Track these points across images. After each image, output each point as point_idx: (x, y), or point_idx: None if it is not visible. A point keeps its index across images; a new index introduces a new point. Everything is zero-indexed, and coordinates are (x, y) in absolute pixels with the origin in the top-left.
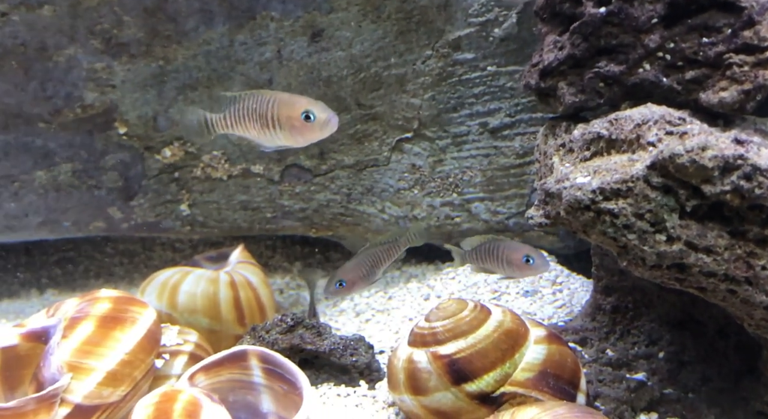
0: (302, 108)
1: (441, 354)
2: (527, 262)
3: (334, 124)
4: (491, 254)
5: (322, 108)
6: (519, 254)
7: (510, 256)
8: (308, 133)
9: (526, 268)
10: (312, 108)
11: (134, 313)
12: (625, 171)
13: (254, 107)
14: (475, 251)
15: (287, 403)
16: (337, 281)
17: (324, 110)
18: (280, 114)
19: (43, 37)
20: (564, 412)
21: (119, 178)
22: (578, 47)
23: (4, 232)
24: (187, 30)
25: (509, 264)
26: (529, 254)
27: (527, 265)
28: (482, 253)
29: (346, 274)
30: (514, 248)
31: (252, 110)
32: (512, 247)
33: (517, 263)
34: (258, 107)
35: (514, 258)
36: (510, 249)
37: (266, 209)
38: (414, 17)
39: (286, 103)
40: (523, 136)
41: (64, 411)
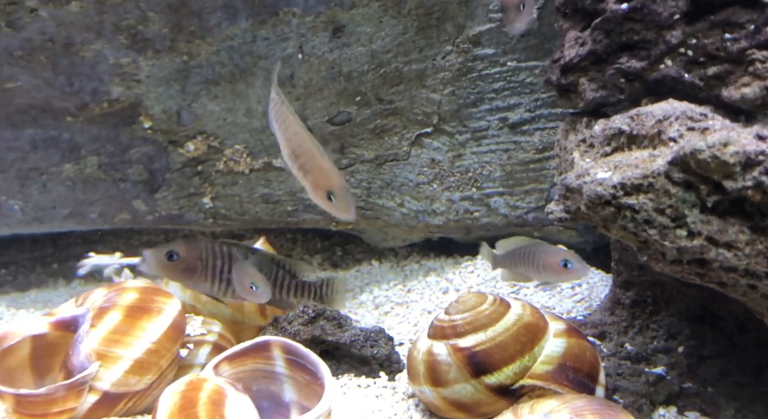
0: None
1: (461, 346)
2: (565, 266)
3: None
4: (526, 259)
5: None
6: (556, 258)
7: (546, 260)
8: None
9: (564, 272)
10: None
11: (160, 303)
12: (646, 167)
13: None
14: (510, 255)
15: (309, 393)
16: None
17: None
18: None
19: (71, 32)
20: (583, 405)
21: (144, 171)
22: (600, 43)
23: (32, 223)
24: (210, 26)
25: (546, 269)
26: (567, 258)
27: (565, 269)
28: (517, 258)
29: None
30: (550, 252)
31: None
32: (549, 251)
33: (554, 268)
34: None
35: (551, 263)
36: (546, 253)
37: (287, 203)
38: (434, 13)
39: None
40: (543, 131)
41: (92, 398)
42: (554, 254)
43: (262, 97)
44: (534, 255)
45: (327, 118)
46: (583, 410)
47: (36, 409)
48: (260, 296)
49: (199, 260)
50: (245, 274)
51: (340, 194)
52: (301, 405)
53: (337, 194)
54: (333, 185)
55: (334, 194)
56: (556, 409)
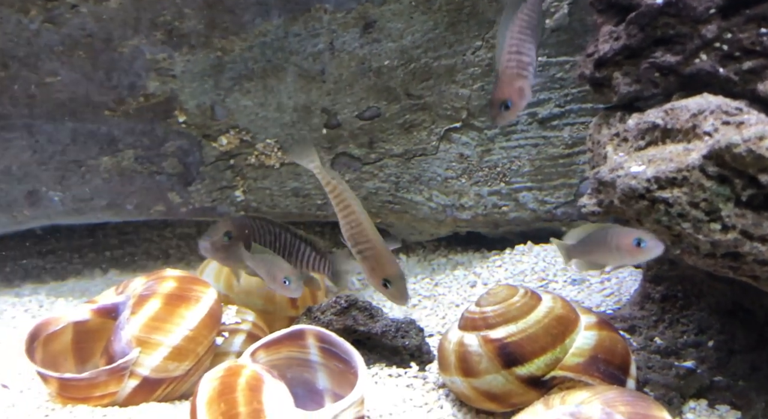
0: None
1: (492, 337)
2: (638, 245)
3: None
4: (599, 244)
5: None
6: (629, 238)
7: (620, 242)
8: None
9: (638, 252)
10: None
11: (198, 292)
12: (680, 160)
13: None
14: (582, 244)
15: (342, 381)
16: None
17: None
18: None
19: (109, 28)
20: (615, 396)
21: (178, 164)
22: (634, 38)
23: (71, 214)
24: (244, 22)
25: (619, 250)
26: (640, 236)
27: (639, 249)
28: (589, 245)
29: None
30: (622, 232)
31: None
32: (620, 232)
33: (628, 248)
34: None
35: (625, 243)
36: (618, 235)
37: (316, 196)
38: (465, 8)
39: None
40: (573, 126)
41: (132, 383)
42: (626, 234)
43: (292, 92)
44: (606, 239)
45: (356, 113)
46: (615, 401)
47: (79, 393)
48: (293, 291)
49: (251, 237)
50: (278, 268)
51: (395, 283)
52: (335, 392)
53: (393, 283)
54: (389, 275)
55: (391, 282)
56: (588, 400)
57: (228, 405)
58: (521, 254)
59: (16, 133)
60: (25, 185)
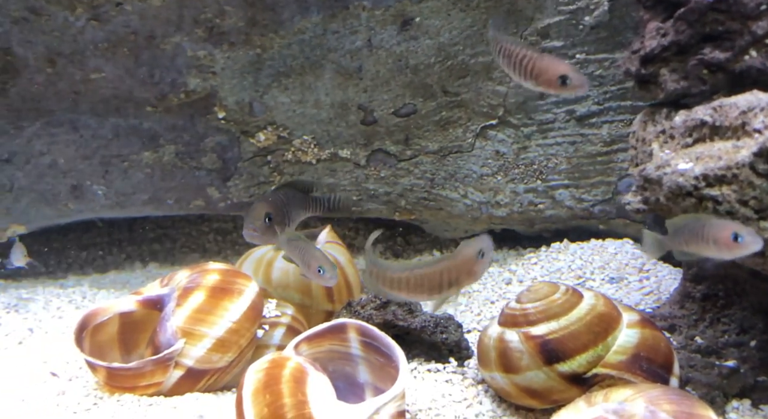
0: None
1: (533, 334)
2: (736, 240)
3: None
4: (695, 234)
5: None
6: (727, 231)
7: (717, 235)
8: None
9: (735, 247)
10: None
11: (240, 285)
12: (729, 158)
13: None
14: (677, 235)
15: (383, 375)
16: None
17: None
18: None
19: (153, 26)
20: (659, 394)
21: (217, 160)
22: (682, 34)
23: (114, 208)
24: (283, 19)
25: (717, 244)
26: (737, 231)
27: (736, 243)
28: (685, 236)
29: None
30: (719, 225)
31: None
32: (717, 224)
33: (725, 242)
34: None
35: (722, 237)
36: (715, 227)
37: (352, 192)
38: (503, 5)
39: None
40: (611, 124)
41: (177, 373)
42: (724, 227)
43: (330, 89)
44: (702, 231)
45: (393, 110)
46: (659, 399)
47: (126, 382)
48: (328, 280)
49: (288, 211)
50: (312, 257)
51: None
52: (375, 386)
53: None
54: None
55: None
56: (631, 398)
57: (273, 396)
58: (557, 252)
59: (61, 128)
60: (69, 178)
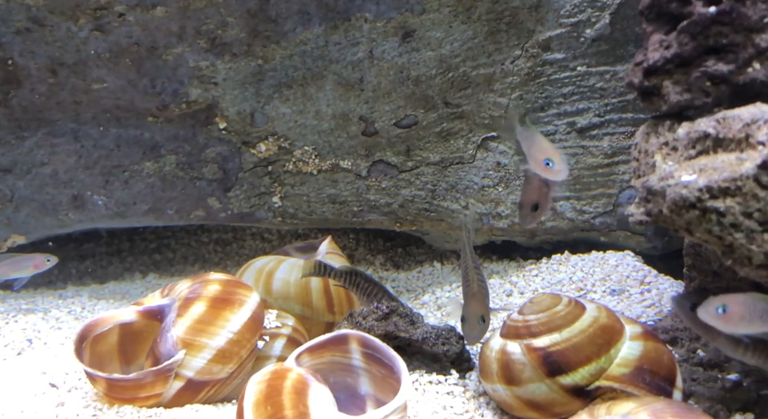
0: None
1: (535, 346)
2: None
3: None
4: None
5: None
6: (540, 155)
7: (534, 155)
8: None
9: (546, 171)
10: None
11: (242, 295)
12: (733, 170)
13: None
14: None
15: (384, 386)
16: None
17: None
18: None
19: (155, 36)
20: (662, 407)
21: (218, 170)
22: (686, 46)
23: (115, 218)
24: (285, 31)
25: (535, 163)
26: (550, 157)
27: (546, 168)
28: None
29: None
30: (539, 148)
31: None
32: (538, 146)
33: (538, 164)
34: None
35: (537, 159)
36: (535, 148)
37: (353, 203)
38: (504, 18)
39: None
40: (612, 136)
41: (177, 384)
42: (540, 151)
43: (331, 100)
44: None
45: (394, 121)
46: (663, 412)
47: (126, 393)
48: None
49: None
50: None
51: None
52: (377, 398)
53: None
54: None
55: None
56: (635, 411)
57: (274, 407)
58: (558, 264)
59: (62, 138)
60: (70, 189)
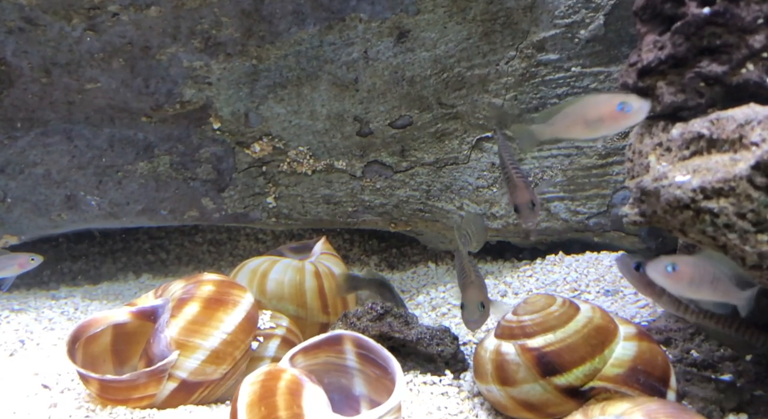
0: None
1: (530, 346)
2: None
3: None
4: (572, 117)
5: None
6: (611, 103)
7: (599, 109)
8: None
9: (621, 117)
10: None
11: (235, 296)
12: (727, 171)
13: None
14: (554, 122)
15: (379, 387)
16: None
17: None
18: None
19: (149, 36)
20: (657, 408)
21: (212, 170)
22: (679, 47)
23: (108, 218)
24: (280, 31)
25: (600, 119)
26: (624, 100)
27: (622, 113)
28: (563, 120)
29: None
30: (600, 98)
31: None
32: (597, 98)
33: (609, 114)
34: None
35: (605, 110)
36: (595, 102)
37: (348, 204)
38: (499, 19)
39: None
40: (607, 137)
41: (171, 385)
42: (606, 100)
43: (326, 100)
44: (581, 110)
45: (389, 121)
46: (657, 413)
47: (119, 394)
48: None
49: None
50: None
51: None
52: (371, 399)
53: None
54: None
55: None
56: (629, 411)
57: (268, 408)
58: (552, 265)
59: (55, 138)
60: (63, 189)
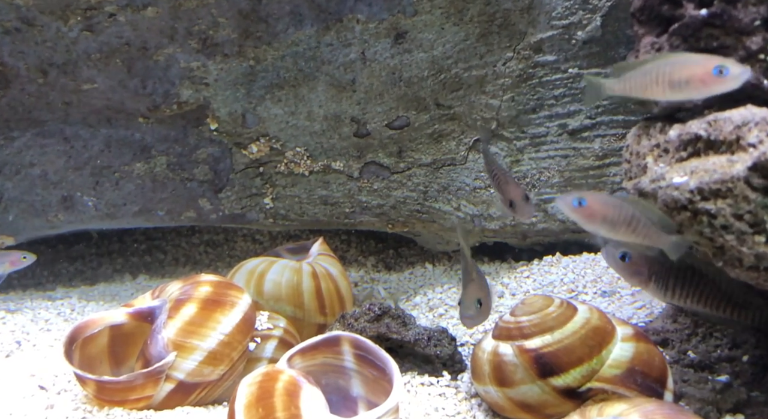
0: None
1: (527, 347)
2: (720, 73)
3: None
4: (653, 76)
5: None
6: (706, 64)
7: (692, 70)
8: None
9: (717, 82)
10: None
11: (233, 297)
12: (724, 172)
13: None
14: (628, 77)
15: (376, 388)
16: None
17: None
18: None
19: (146, 37)
20: (654, 409)
21: (209, 171)
22: (677, 49)
23: (104, 219)
24: (277, 31)
25: (689, 81)
26: (721, 63)
27: (719, 77)
28: (639, 77)
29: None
30: (694, 59)
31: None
32: (690, 59)
33: (702, 78)
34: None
35: (698, 72)
36: (687, 62)
37: (345, 204)
38: (496, 20)
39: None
40: (603, 138)
41: (168, 386)
42: (701, 61)
43: (323, 101)
44: (668, 69)
45: (386, 122)
46: (654, 414)
47: (116, 395)
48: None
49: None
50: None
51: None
52: (369, 400)
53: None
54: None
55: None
56: (626, 412)
57: (266, 409)
58: (549, 265)
59: (52, 139)
60: (60, 190)
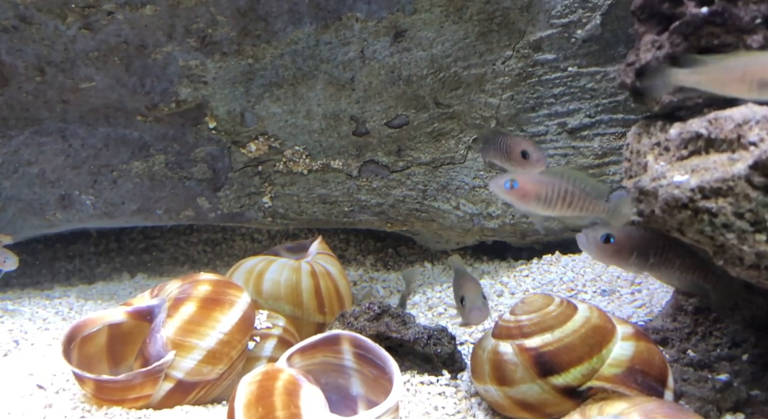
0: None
1: (527, 346)
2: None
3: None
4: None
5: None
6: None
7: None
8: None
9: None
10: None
11: (232, 296)
12: (725, 170)
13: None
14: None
15: (376, 387)
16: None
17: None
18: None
19: (144, 35)
20: (654, 408)
21: (208, 170)
22: (678, 47)
23: (103, 218)
24: (276, 30)
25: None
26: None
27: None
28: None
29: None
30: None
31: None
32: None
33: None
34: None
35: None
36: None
37: (344, 203)
38: (496, 18)
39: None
40: (603, 136)
41: (167, 385)
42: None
43: (322, 100)
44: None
45: (385, 121)
46: (654, 413)
47: (114, 395)
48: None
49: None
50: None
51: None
52: (368, 399)
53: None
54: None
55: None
56: (627, 411)
57: (266, 409)
58: (549, 264)
59: (50, 137)
60: (57, 188)
